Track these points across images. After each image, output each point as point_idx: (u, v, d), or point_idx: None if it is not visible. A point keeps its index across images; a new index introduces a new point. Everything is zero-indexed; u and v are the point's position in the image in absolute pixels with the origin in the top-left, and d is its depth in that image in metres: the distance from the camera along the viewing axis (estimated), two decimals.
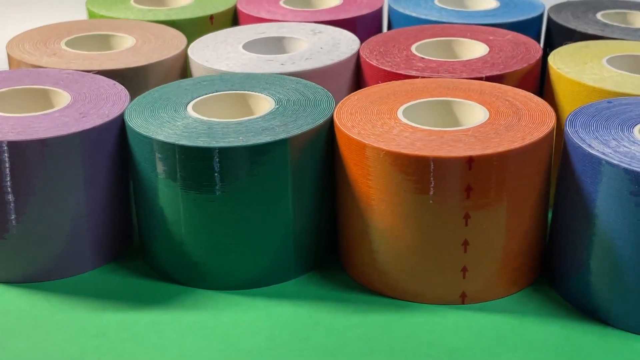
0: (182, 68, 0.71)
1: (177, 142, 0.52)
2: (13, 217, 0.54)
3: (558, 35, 0.75)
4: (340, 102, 0.58)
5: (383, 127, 0.53)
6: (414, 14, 0.78)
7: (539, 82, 0.67)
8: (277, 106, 0.58)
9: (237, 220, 0.54)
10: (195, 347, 0.50)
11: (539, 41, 0.78)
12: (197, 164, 0.52)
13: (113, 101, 0.59)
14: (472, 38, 0.70)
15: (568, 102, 0.61)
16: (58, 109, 0.58)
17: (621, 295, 0.50)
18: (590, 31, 0.72)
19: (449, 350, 0.49)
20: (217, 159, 0.52)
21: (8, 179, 0.53)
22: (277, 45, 0.73)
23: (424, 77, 0.62)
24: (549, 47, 0.75)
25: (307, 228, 0.56)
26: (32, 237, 0.55)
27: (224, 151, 0.52)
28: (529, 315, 0.52)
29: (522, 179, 0.51)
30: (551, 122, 0.53)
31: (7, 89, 0.61)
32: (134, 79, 0.67)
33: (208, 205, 0.53)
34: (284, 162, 0.53)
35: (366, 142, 0.51)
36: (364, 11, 0.81)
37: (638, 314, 0.50)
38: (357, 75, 0.69)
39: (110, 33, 0.74)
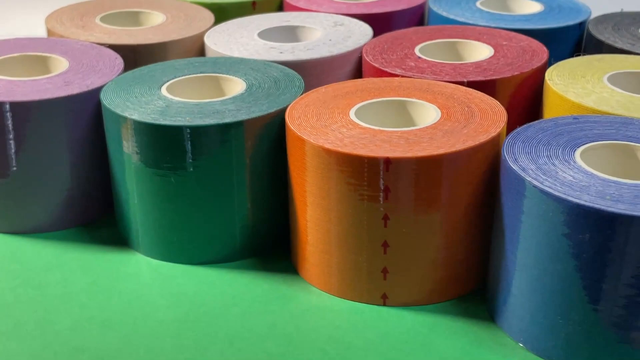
0: (201, 48, 0.74)
1: (130, 117, 0.55)
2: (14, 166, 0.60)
3: (590, 45, 0.71)
4: (304, 94, 0.59)
5: (326, 122, 0.54)
6: (451, 16, 0.77)
7: (538, 92, 0.64)
8: (243, 92, 0.60)
9: (185, 199, 0.56)
10: (110, 309, 0.53)
11: (577, 50, 0.75)
12: (147, 140, 0.55)
13: (104, 74, 0.63)
14: (483, 41, 0.68)
15: (551, 116, 0.59)
16: (49, 75, 0.63)
17: (536, 319, 0.48)
18: (619, 44, 0.68)
19: (343, 346, 0.49)
20: (167, 138, 0.55)
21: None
22: (291, 34, 0.75)
23: (403, 77, 0.62)
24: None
25: (257, 214, 0.58)
26: (21, 190, 0.60)
27: (169, 129, 0.55)
28: (440, 326, 0.51)
29: (451, 187, 0.50)
30: (493, 133, 0.52)
31: (16, 54, 0.67)
32: (150, 56, 0.71)
33: (158, 181, 0.56)
34: (230, 145, 0.55)
35: (301, 134, 0.52)
36: (403, 6, 0.81)
37: (548, 340, 0.48)
38: (360, 70, 0.69)
39: (143, 10, 0.79)
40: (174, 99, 0.58)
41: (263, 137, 0.56)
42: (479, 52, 0.67)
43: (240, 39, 0.72)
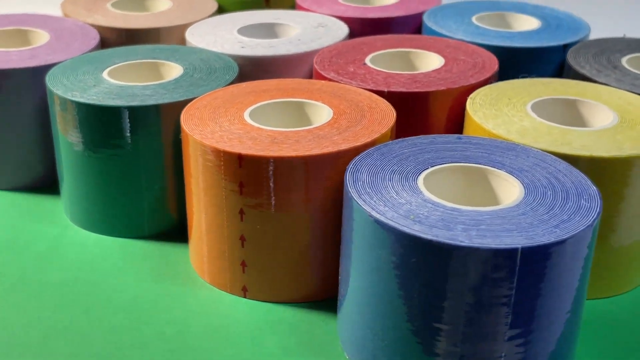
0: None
1: (62, 94, 0.60)
2: None
3: (568, 69, 0.68)
4: (212, 91, 0.61)
5: (216, 116, 0.56)
6: (444, 32, 0.76)
7: None
8: (176, 78, 0.63)
9: (99, 174, 0.61)
10: (12, 263, 0.58)
11: (560, 72, 0.72)
12: (67, 117, 0.60)
13: (69, 53, 0.69)
14: (440, 53, 0.68)
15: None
16: (23, 48, 0.69)
17: (354, 330, 0.48)
18: (583, 71, 0.65)
19: (183, 329, 0.52)
20: (83, 116, 0.59)
21: None
22: (270, 31, 0.77)
23: (330, 80, 0.63)
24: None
25: (161, 194, 0.61)
26: None
27: (83, 107, 0.59)
28: (282, 324, 0.52)
29: (308, 189, 0.51)
30: (364, 141, 0.52)
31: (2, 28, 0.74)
32: (143, 40, 0.76)
33: (78, 156, 0.61)
34: (148, 128, 0.59)
35: (184, 124, 0.55)
36: (419, 10, 0.81)
37: (361, 352, 0.48)
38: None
39: None
40: (112, 81, 0.62)
41: (178, 122, 0.59)
42: (429, 62, 0.67)
43: (218, 32, 0.75)
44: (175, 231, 0.62)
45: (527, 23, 0.77)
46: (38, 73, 0.65)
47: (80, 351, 0.50)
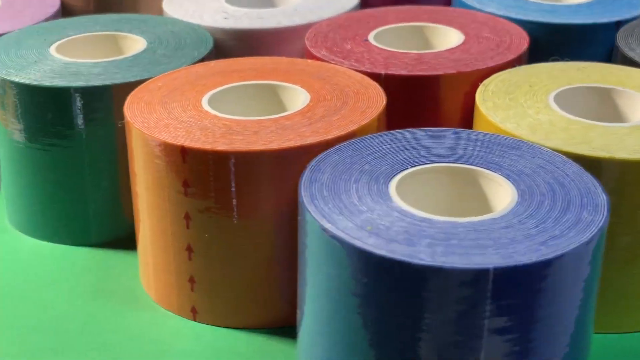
0: None
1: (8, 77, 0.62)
2: None
3: (616, 52, 0.68)
4: (172, 71, 0.62)
5: (168, 101, 0.57)
6: (474, 4, 0.76)
7: None
8: (135, 54, 0.65)
9: (34, 168, 0.63)
10: None
11: (610, 54, 0.71)
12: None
13: (18, 23, 0.71)
14: (459, 28, 0.68)
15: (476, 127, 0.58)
16: None
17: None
18: (631, 54, 0.65)
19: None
20: (13, 98, 0.61)
21: None
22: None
23: (318, 60, 0.64)
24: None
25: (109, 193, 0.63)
26: None
27: (13, 86, 0.61)
28: (232, 356, 0.53)
29: (270, 191, 0.52)
30: (340, 133, 0.53)
31: None
32: (117, 8, 0.78)
33: (12, 147, 0.63)
34: (93, 114, 0.61)
35: (126, 109, 0.56)
36: None
37: None
38: None
39: None
40: (58, 57, 0.65)
41: None
42: (446, 40, 0.67)
43: (202, 2, 0.76)
44: (129, 239, 0.64)
45: None
46: None
47: None
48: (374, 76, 0.61)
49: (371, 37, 0.67)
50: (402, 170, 0.49)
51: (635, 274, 0.53)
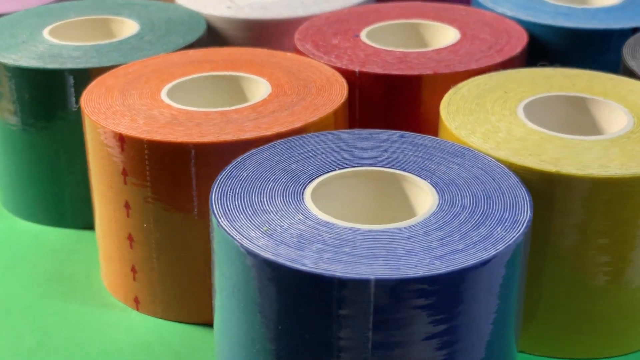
0: None
1: None
2: None
3: (622, 59, 0.64)
4: (147, 58, 0.62)
5: (127, 92, 0.57)
6: (498, 9, 0.73)
7: None
8: (120, 39, 0.65)
9: (10, 149, 0.64)
10: None
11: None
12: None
13: (18, 4, 0.73)
14: (456, 26, 0.65)
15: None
16: None
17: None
18: (631, 63, 0.61)
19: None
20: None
21: None
22: None
23: (301, 54, 0.62)
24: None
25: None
26: None
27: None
28: (163, 346, 0.53)
29: (203, 183, 0.51)
30: (281, 129, 0.51)
31: None
32: None
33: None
34: (65, 97, 0.61)
35: (84, 97, 0.56)
36: None
37: None
38: None
39: None
40: (48, 39, 0.65)
41: None
42: (442, 38, 0.65)
43: None
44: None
45: None
46: None
47: None
48: (349, 73, 0.59)
49: (364, 33, 0.65)
50: (327, 172, 0.48)
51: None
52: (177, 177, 0.51)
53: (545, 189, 0.48)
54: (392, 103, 0.59)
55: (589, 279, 0.50)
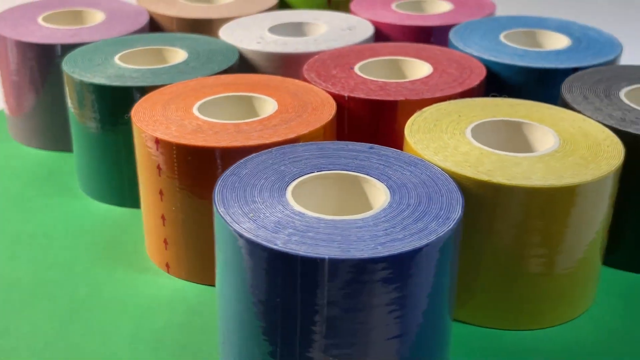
0: None
1: (71, 73, 0.64)
2: None
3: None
4: (188, 80, 0.62)
5: (167, 106, 0.56)
6: (467, 50, 0.71)
7: None
8: (170, 65, 0.65)
9: (87, 145, 0.64)
10: None
11: None
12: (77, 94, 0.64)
13: (100, 35, 0.73)
14: (427, 60, 0.64)
15: None
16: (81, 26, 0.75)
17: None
18: (567, 95, 0.59)
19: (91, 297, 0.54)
20: (74, 89, 0.63)
21: None
22: (298, 30, 0.77)
23: (306, 82, 0.62)
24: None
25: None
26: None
27: (78, 83, 0.62)
28: (173, 311, 0.53)
29: (214, 178, 0.51)
30: (277, 139, 0.51)
31: (60, 10, 0.80)
32: (195, 29, 0.79)
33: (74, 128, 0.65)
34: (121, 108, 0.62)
35: (135, 109, 0.56)
36: (472, 17, 0.77)
37: None
38: None
39: None
40: (118, 64, 0.66)
41: None
42: (418, 72, 0.64)
43: (251, 27, 0.76)
44: None
45: (556, 41, 0.71)
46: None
47: None
48: (340, 97, 0.59)
49: (357, 66, 0.65)
50: (307, 174, 0.47)
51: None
52: (198, 172, 0.51)
53: (480, 194, 0.48)
54: (374, 122, 0.59)
55: (516, 265, 0.49)
